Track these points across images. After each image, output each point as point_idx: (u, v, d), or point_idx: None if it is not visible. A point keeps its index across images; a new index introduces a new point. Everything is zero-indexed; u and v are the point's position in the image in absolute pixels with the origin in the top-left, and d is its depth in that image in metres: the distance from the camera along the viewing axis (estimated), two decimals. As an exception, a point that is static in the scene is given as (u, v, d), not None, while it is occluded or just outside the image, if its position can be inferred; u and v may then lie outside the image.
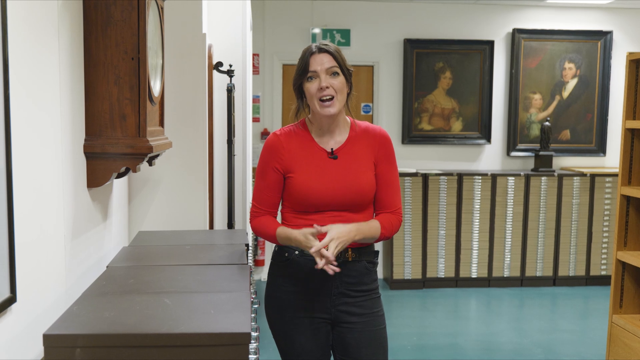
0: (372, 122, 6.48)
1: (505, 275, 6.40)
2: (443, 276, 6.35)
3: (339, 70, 2.20)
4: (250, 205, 2.39)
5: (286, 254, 2.27)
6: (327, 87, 2.18)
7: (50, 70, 1.80)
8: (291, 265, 2.26)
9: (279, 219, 2.33)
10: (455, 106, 6.61)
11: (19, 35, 1.56)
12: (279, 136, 2.29)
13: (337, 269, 2.08)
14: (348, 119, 2.33)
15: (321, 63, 2.19)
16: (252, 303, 2.03)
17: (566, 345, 4.82)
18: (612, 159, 6.74)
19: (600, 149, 6.73)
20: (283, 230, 2.21)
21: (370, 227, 2.21)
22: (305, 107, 2.29)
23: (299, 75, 2.24)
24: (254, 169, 5.58)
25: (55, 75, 1.84)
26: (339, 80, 2.20)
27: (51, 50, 1.81)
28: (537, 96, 6.64)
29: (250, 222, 2.35)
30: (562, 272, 6.44)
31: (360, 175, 2.24)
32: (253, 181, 5.19)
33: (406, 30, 6.52)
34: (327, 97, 2.18)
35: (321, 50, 2.21)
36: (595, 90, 6.66)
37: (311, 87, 2.20)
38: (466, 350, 4.71)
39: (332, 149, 2.26)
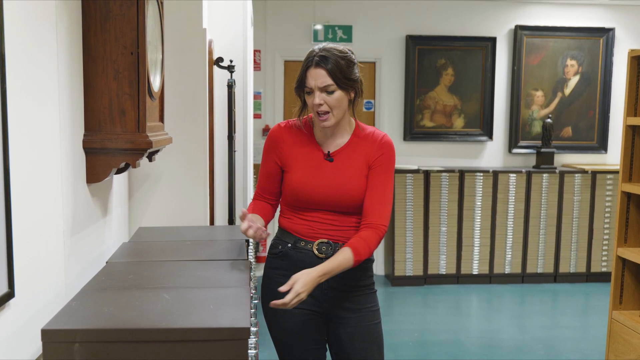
0: (374, 119, 6.56)
1: (506, 272, 6.40)
2: (444, 273, 6.35)
3: (334, 88, 2.15)
4: (251, 202, 2.42)
5: (280, 247, 2.32)
6: (321, 104, 2.16)
7: (48, 66, 1.79)
8: (284, 258, 2.30)
9: (278, 212, 2.38)
10: (457, 103, 6.60)
11: (16, 30, 1.56)
12: (282, 129, 2.32)
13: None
14: (353, 121, 2.30)
15: (315, 79, 2.15)
16: (252, 298, 2.03)
17: (567, 342, 4.82)
18: (613, 156, 6.73)
19: (601, 146, 6.72)
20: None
21: (339, 262, 2.11)
22: (308, 110, 2.29)
23: (297, 86, 2.22)
24: (255, 165, 5.58)
25: (54, 70, 1.83)
26: (334, 98, 2.16)
27: (49, 45, 1.80)
28: (539, 93, 6.63)
29: (251, 202, 2.42)
30: (562, 269, 6.43)
31: (352, 180, 2.23)
32: (254, 177, 5.19)
33: (408, 26, 6.50)
34: (322, 112, 2.17)
35: (318, 64, 2.14)
36: (597, 87, 6.65)
37: (308, 100, 2.20)
38: (467, 347, 4.70)
39: (328, 151, 2.26)
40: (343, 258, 2.13)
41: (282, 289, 2.01)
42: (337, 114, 2.18)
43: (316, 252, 2.25)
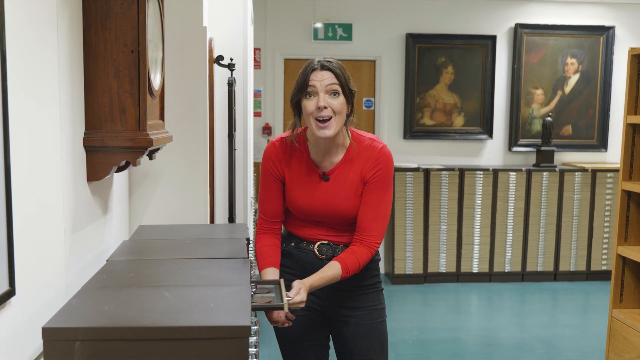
0: (373, 117, 6.56)
1: (506, 270, 6.40)
2: (444, 271, 6.35)
3: (339, 90, 2.10)
4: (251, 200, 2.42)
5: (284, 245, 2.35)
6: (325, 107, 2.08)
7: (49, 64, 1.79)
8: (286, 256, 2.33)
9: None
10: (457, 101, 6.60)
11: (17, 29, 1.56)
12: (277, 148, 2.28)
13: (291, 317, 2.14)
14: (348, 138, 2.23)
15: (321, 79, 2.09)
16: (252, 297, 2.03)
17: (567, 340, 4.82)
18: (613, 155, 6.73)
19: (601, 144, 6.72)
20: (264, 273, 2.26)
21: (328, 278, 2.14)
22: (302, 124, 2.23)
23: (297, 91, 2.14)
24: (255, 163, 5.58)
25: (54, 69, 1.83)
26: (339, 101, 2.10)
27: (50, 44, 1.80)
28: (539, 91, 6.63)
29: (256, 235, 2.38)
30: (562, 267, 6.44)
31: (347, 200, 2.21)
32: (254, 176, 5.18)
33: (408, 24, 6.50)
34: (324, 118, 2.10)
35: (323, 67, 2.10)
36: (597, 85, 6.65)
37: (309, 104, 2.11)
38: (467, 345, 4.71)
39: (323, 172, 2.24)
40: (332, 274, 2.14)
41: (291, 293, 2.04)
42: (338, 121, 2.12)
43: (317, 252, 2.27)
